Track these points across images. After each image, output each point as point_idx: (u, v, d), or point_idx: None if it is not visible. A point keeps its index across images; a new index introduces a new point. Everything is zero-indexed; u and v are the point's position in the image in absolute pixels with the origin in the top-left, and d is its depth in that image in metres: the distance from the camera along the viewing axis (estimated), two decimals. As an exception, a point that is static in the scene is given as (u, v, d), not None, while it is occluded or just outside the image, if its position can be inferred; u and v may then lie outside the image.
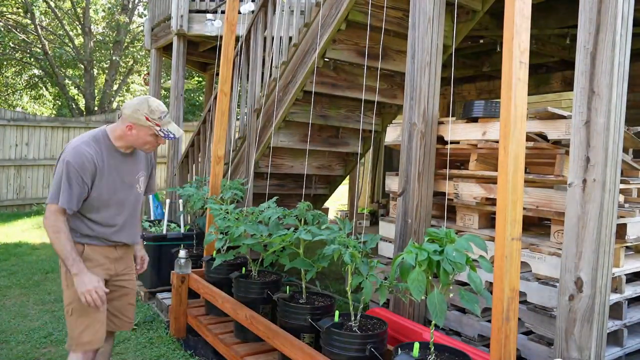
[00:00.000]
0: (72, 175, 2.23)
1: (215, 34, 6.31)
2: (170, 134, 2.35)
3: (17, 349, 3.40)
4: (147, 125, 2.31)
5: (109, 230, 2.40)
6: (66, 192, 2.22)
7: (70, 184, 2.22)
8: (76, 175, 2.23)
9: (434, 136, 3.10)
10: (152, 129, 2.32)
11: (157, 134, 2.34)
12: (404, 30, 3.93)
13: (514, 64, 1.80)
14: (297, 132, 4.72)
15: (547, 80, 6.56)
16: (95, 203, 2.33)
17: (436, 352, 2.06)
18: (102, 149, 2.34)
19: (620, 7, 2.10)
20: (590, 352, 2.15)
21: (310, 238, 2.52)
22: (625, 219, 2.60)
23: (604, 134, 2.12)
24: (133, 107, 2.32)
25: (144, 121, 2.30)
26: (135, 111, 2.30)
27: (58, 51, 13.31)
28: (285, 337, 2.53)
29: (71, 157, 2.24)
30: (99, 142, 2.34)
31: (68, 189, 2.22)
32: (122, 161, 2.41)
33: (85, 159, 2.25)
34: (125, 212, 2.45)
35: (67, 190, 2.22)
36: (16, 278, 5.06)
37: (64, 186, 2.22)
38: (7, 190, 8.97)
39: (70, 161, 2.23)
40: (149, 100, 2.33)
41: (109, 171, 2.34)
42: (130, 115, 2.31)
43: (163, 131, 2.33)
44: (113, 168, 2.36)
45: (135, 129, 2.32)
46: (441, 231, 2.02)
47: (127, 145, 2.39)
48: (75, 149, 2.27)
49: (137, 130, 2.32)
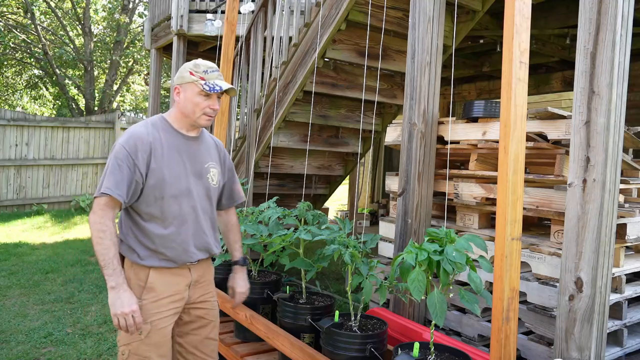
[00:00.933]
0: (121, 156, 1.87)
1: (215, 34, 6.32)
2: (216, 86, 1.98)
3: (17, 349, 3.40)
4: (191, 80, 1.98)
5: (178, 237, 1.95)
6: (114, 175, 1.84)
7: (119, 166, 1.85)
8: (126, 157, 1.87)
9: (434, 136, 3.10)
10: (197, 84, 1.97)
11: (203, 89, 1.96)
12: (404, 30, 3.93)
13: (514, 64, 1.80)
14: (297, 132, 4.72)
15: (547, 80, 6.56)
16: (155, 192, 1.91)
17: (436, 352, 2.06)
18: (159, 130, 1.99)
19: (620, 7, 2.10)
20: (590, 352, 2.15)
21: (310, 238, 2.52)
22: (625, 219, 2.60)
23: (604, 134, 2.12)
24: (179, 70, 2.04)
25: (188, 76, 1.98)
26: (180, 71, 2.02)
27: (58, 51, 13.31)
28: (285, 337, 2.53)
29: (122, 139, 1.91)
30: (155, 125, 2.00)
31: (117, 171, 1.85)
32: (185, 144, 2.03)
33: (137, 139, 1.90)
34: (197, 208, 2.01)
35: (115, 173, 1.84)
36: (16, 278, 5.06)
37: (111, 170, 1.86)
38: (7, 190, 8.97)
39: (120, 143, 1.90)
40: (196, 60, 2.04)
41: (169, 152, 1.96)
42: (177, 79, 2.03)
43: (208, 84, 1.97)
44: (174, 150, 1.98)
45: (182, 92, 2.00)
46: (441, 231, 2.03)
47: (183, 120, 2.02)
48: (127, 132, 1.96)
49: (184, 90, 1.99)
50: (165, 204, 1.92)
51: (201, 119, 2.00)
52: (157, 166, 1.91)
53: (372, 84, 4.45)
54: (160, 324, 1.93)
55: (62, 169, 9.65)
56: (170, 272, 1.96)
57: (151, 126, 1.98)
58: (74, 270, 5.42)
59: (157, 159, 1.92)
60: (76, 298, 4.49)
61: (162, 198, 1.92)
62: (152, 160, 1.91)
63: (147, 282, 1.92)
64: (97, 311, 4.16)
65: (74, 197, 9.78)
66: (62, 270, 5.43)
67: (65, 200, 9.71)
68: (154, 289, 1.92)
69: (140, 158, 1.88)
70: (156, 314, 1.92)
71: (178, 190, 1.95)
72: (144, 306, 1.90)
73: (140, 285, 1.92)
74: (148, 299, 1.91)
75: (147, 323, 1.90)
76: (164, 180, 1.92)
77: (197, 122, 2.00)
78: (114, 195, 1.82)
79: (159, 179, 1.91)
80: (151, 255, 1.92)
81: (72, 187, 9.83)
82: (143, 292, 1.92)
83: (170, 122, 2.03)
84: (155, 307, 1.92)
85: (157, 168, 1.91)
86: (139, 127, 1.96)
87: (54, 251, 6.34)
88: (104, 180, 1.85)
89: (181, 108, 2.00)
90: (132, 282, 1.92)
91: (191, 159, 2.01)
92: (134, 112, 19.31)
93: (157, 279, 1.93)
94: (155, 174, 1.90)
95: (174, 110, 2.04)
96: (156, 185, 1.91)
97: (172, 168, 1.95)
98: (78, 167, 9.87)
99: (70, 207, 9.68)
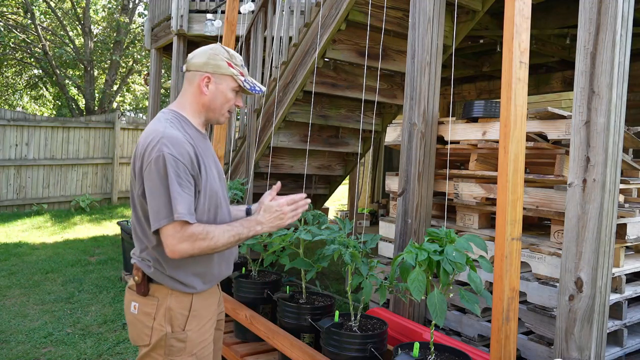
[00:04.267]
0: (181, 171, 1.56)
1: (215, 34, 6.32)
2: (255, 87, 1.77)
3: (17, 349, 3.40)
4: (230, 73, 1.72)
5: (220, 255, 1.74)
6: (181, 196, 1.54)
7: (181, 184, 1.55)
8: (184, 170, 1.57)
9: (434, 136, 3.10)
10: (236, 79, 1.73)
11: (242, 86, 1.74)
12: (404, 30, 3.93)
13: (514, 64, 1.80)
14: (297, 132, 4.72)
15: (547, 80, 6.56)
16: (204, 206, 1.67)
17: (436, 352, 2.06)
18: (187, 129, 1.69)
19: (620, 7, 2.10)
20: (590, 352, 2.15)
21: (310, 238, 2.52)
22: (625, 219, 2.60)
23: (604, 134, 2.12)
24: (207, 54, 1.72)
25: (226, 68, 1.71)
26: (212, 57, 1.71)
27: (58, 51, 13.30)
28: (285, 337, 2.53)
29: (167, 148, 1.56)
30: (179, 122, 1.70)
31: (182, 191, 1.55)
32: (204, 142, 1.77)
33: (183, 145, 1.59)
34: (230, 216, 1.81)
35: (183, 193, 1.55)
36: (16, 278, 5.06)
37: (176, 189, 1.54)
38: (7, 190, 8.96)
39: (169, 154, 1.55)
40: (223, 46, 1.76)
41: (204, 155, 1.70)
42: (205, 64, 1.71)
43: (248, 82, 1.75)
44: (205, 151, 1.73)
45: (213, 82, 1.72)
46: (441, 231, 2.03)
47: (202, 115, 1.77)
48: (163, 136, 1.58)
49: (217, 82, 1.72)
50: (212, 216, 1.70)
51: (223, 117, 1.78)
52: (204, 175, 1.66)
53: (372, 84, 4.45)
54: (204, 352, 1.73)
55: (62, 169, 9.65)
56: (208, 293, 1.76)
57: (179, 125, 1.67)
58: (74, 270, 5.42)
59: (201, 165, 1.66)
60: (76, 298, 4.49)
61: (209, 210, 1.69)
62: (202, 170, 1.65)
63: (191, 310, 1.68)
64: (97, 311, 4.16)
65: (74, 197, 9.77)
66: (62, 270, 5.43)
67: (65, 200, 9.71)
68: (197, 316, 1.69)
69: (194, 169, 1.62)
70: (201, 342, 1.71)
71: (221, 198, 1.75)
72: (189, 337, 1.67)
73: (184, 315, 1.67)
74: (192, 328, 1.68)
75: (193, 355, 1.68)
76: (211, 189, 1.70)
77: (218, 119, 1.78)
78: (191, 221, 1.56)
79: (209, 189, 1.68)
80: (196, 279, 1.69)
81: (72, 187, 9.83)
82: (187, 322, 1.67)
83: (188, 117, 1.75)
84: (199, 335, 1.70)
85: (205, 177, 1.67)
86: (171, 130, 1.62)
87: (54, 251, 6.34)
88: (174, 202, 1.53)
89: (208, 100, 1.73)
90: (175, 311, 1.65)
91: (214, 161, 1.80)
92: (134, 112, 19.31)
93: (200, 303, 1.71)
94: (205, 185, 1.67)
95: (190, 101, 1.75)
96: (206, 196, 1.67)
97: (211, 173, 1.71)
98: (78, 167, 9.87)
99: (70, 207, 9.68)
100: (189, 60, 1.76)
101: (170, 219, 1.54)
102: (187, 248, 1.56)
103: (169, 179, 1.54)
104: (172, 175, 1.55)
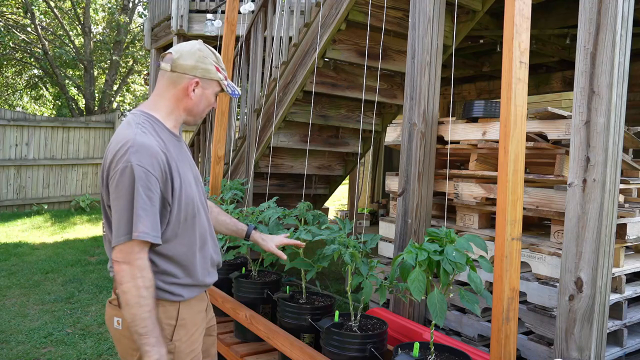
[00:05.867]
0: (149, 185, 1.46)
1: (215, 34, 6.32)
2: (235, 91, 1.71)
3: (17, 349, 3.40)
4: (218, 78, 1.65)
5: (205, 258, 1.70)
6: (146, 212, 1.44)
7: (150, 198, 1.45)
8: (155, 183, 1.47)
9: (434, 136, 3.10)
10: (222, 84, 1.67)
11: (226, 91, 1.69)
12: (404, 30, 3.93)
13: (514, 64, 1.80)
14: (297, 132, 4.72)
15: (547, 80, 6.56)
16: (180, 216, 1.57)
17: (436, 352, 2.06)
18: (160, 134, 1.59)
19: (620, 7, 2.09)
20: (590, 352, 2.15)
21: (310, 238, 2.52)
22: (625, 219, 2.60)
23: (604, 134, 2.12)
24: (195, 56, 1.62)
25: (214, 73, 1.64)
26: (200, 60, 1.62)
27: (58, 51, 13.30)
28: (285, 337, 2.53)
29: (135, 158, 1.45)
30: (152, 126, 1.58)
31: (149, 206, 1.45)
32: (179, 146, 1.66)
33: (155, 154, 1.49)
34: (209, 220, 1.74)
35: (147, 210, 1.44)
36: (16, 278, 5.06)
37: (144, 208, 1.44)
38: (7, 190, 8.96)
39: (138, 165, 1.45)
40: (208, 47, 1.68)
41: (179, 162, 1.60)
42: (194, 67, 1.61)
43: (230, 86, 1.70)
44: (179, 156, 1.63)
45: (201, 87, 1.64)
46: (441, 231, 2.02)
47: (180, 118, 1.68)
48: (133, 144, 1.47)
49: (204, 87, 1.64)
50: (189, 225, 1.61)
51: (200, 118, 1.71)
52: (178, 183, 1.56)
53: (372, 84, 4.45)
54: None
55: (62, 169, 9.65)
56: (196, 300, 1.68)
57: (151, 130, 1.57)
58: (74, 270, 5.42)
59: (175, 174, 1.56)
60: (76, 298, 4.49)
61: (186, 220, 1.60)
62: (175, 178, 1.55)
63: (179, 319, 1.60)
64: (97, 311, 4.16)
65: (74, 197, 9.78)
66: (62, 270, 5.43)
67: (65, 200, 9.71)
68: (185, 325, 1.62)
69: (165, 180, 1.52)
70: (190, 353, 1.65)
71: (199, 205, 1.66)
72: (177, 348, 1.59)
73: (171, 325, 1.59)
74: (180, 338, 1.60)
75: None
76: (187, 197, 1.60)
77: (196, 122, 1.71)
78: (154, 241, 1.46)
79: (182, 199, 1.58)
80: (182, 288, 1.61)
81: (72, 187, 9.83)
82: (174, 332, 1.60)
83: (162, 119, 1.63)
84: (188, 345, 1.63)
85: (179, 185, 1.57)
86: (142, 136, 1.51)
87: (54, 251, 6.34)
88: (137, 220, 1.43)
89: (192, 105, 1.65)
90: (161, 322, 1.54)
91: (190, 165, 1.70)
92: (134, 112, 19.29)
93: (187, 312, 1.63)
94: (179, 194, 1.57)
95: (168, 103, 1.65)
96: (181, 206, 1.57)
97: (186, 180, 1.61)
98: (78, 167, 9.87)
99: (70, 207, 9.68)
100: (174, 60, 1.62)
101: (128, 237, 1.43)
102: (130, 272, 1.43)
103: (136, 192, 1.43)
104: (140, 189, 1.44)
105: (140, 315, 1.42)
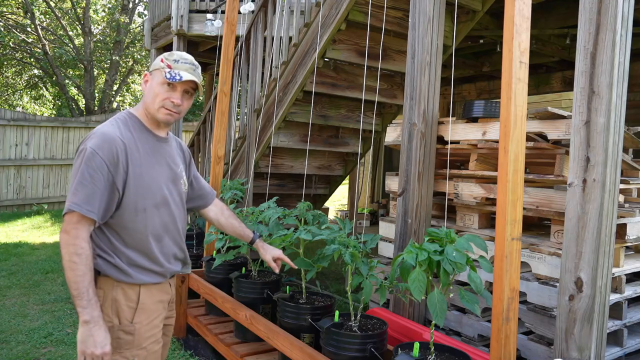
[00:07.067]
0: (95, 165, 1.62)
1: (215, 34, 6.32)
2: (177, 75, 1.75)
3: (17, 349, 3.40)
4: (159, 67, 1.78)
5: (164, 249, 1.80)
6: (84, 188, 1.61)
7: (92, 176, 1.61)
8: (101, 165, 1.63)
9: (434, 136, 3.10)
10: (162, 71, 1.76)
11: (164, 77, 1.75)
12: (404, 30, 3.93)
13: (514, 64, 1.80)
14: (297, 132, 4.72)
15: (547, 80, 6.57)
16: (136, 204, 1.71)
17: (436, 352, 2.06)
18: (131, 130, 1.76)
19: (620, 7, 2.10)
20: (590, 352, 2.15)
21: (310, 238, 2.52)
22: (625, 219, 2.60)
23: (604, 134, 2.12)
24: None
25: (158, 63, 1.79)
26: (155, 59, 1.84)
27: (58, 51, 13.30)
28: (285, 337, 2.53)
29: (92, 142, 1.66)
30: (126, 123, 1.77)
31: (89, 183, 1.61)
32: (158, 145, 1.83)
33: (111, 142, 1.66)
34: (175, 216, 1.84)
35: (86, 185, 1.61)
36: (16, 278, 5.06)
37: (81, 181, 1.61)
38: (7, 190, 8.96)
39: (91, 147, 1.64)
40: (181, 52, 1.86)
41: (146, 156, 1.76)
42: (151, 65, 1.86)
43: (171, 72, 1.75)
44: (150, 152, 1.78)
45: (149, 79, 1.81)
46: (441, 231, 2.03)
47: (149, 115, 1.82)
48: (96, 133, 1.69)
49: (151, 78, 1.80)
50: (147, 215, 1.73)
51: (160, 112, 1.78)
52: (135, 173, 1.70)
53: (372, 84, 4.45)
54: (154, 347, 1.77)
55: (62, 169, 9.65)
56: (157, 289, 1.79)
57: (122, 125, 1.75)
58: (74, 270, 5.41)
59: (135, 164, 1.70)
60: (76, 298, 4.49)
61: (144, 210, 1.72)
62: (130, 167, 1.69)
63: (139, 303, 1.71)
64: (97, 311, 4.15)
65: (74, 197, 9.77)
66: (62, 270, 5.43)
67: (65, 200, 9.70)
68: (146, 310, 1.72)
69: (116, 165, 1.65)
70: (150, 337, 1.75)
71: (160, 198, 1.77)
72: (137, 330, 1.71)
73: (132, 307, 1.70)
74: (141, 321, 1.71)
75: (143, 348, 1.72)
76: (144, 188, 1.72)
77: (155, 115, 1.78)
78: (83, 212, 1.59)
79: (140, 188, 1.71)
80: (140, 271, 1.72)
81: (72, 187, 9.82)
82: (135, 314, 1.71)
83: (140, 118, 1.81)
84: (149, 329, 1.74)
85: (136, 176, 1.70)
86: (109, 127, 1.71)
87: (54, 251, 6.33)
88: (73, 193, 1.61)
89: (145, 98, 1.81)
90: (121, 303, 1.69)
91: (166, 163, 1.83)
92: (134, 112, 19.29)
93: (148, 297, 1.74)
94: (134, 183, 1.70)
95: (141, 103, 1.84)
96: (137, 195, 1.70)
97: (151, 174, 1.75)
98: (78, 167, 9.87)
99: (70, 207, 9.68)
100: None
101: (75, 208, 1.60)
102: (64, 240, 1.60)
103: (80, 170, 1.63)
104: (83, 167, 1.63)
105: (72, 278, 1.57)
